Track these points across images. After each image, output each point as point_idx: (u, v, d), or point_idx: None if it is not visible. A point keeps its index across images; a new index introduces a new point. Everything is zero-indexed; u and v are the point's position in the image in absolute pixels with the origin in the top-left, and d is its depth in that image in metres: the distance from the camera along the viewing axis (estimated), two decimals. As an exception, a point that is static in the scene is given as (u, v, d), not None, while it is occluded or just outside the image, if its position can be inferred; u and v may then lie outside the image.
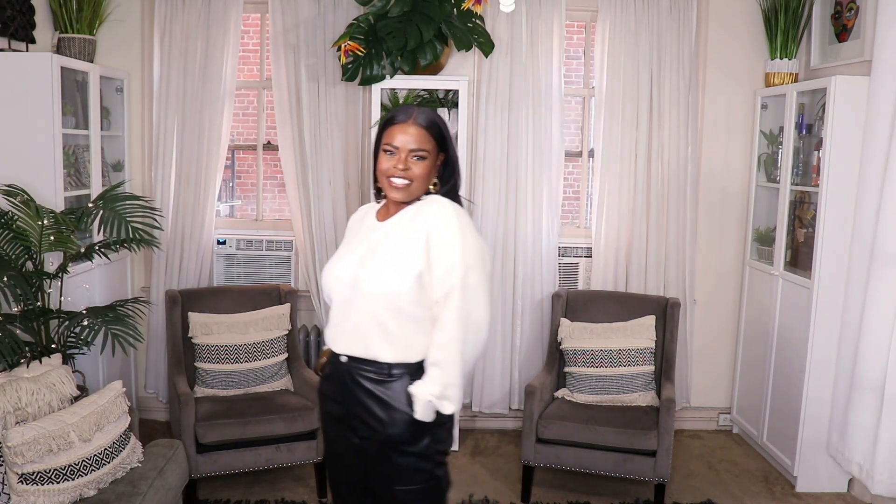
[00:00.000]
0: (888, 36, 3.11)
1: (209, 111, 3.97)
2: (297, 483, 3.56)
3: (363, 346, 1.96)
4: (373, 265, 1.96)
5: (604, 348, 3.61)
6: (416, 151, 1.97)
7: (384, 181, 2.00)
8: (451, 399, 1.90)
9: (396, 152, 1.97)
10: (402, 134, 1.97)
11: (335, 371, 2.04)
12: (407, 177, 1.97)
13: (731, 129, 4.18)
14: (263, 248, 4.18)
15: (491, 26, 3.92)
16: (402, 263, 1.92)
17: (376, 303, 1.92)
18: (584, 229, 4.35)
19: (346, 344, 2.00)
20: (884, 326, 3.13)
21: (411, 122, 1.98)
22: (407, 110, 2.01)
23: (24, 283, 2.86)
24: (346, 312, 1.99)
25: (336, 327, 2.03)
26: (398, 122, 1.99)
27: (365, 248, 2.02)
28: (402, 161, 1.96)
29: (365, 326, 1.95)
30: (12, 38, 3.43)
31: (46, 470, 2.41)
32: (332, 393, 2.07)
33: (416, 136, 1.97)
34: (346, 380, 2.00)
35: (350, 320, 1.98)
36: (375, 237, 2.02)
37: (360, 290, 1.95)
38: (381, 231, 2.03)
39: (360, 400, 1.97)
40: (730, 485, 3.66)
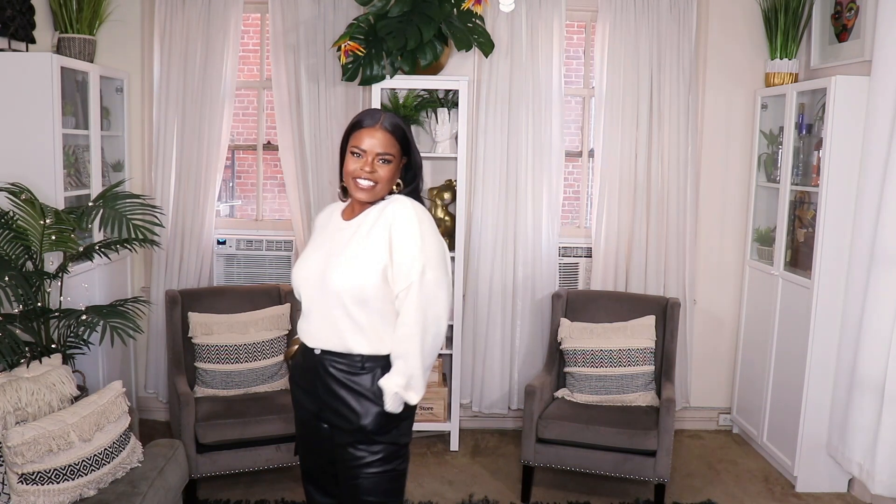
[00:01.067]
0: (888, 36, 3.11)
1: (209, 111, 3.97)
2: (297, 483, 3.55)
3: (337, 339, 2.03)
4: (340, 262, 2.03)
5: (604, 348, 3.61)
6: (382, 155, 2.04)
7: (350, 182, 2.07)
8: (415, 389, 2.01)
9: (364, 155, 2.04)
10: (369, 138, 2.04)
11: (308, 363, 2.11)
12: (372, 179, 2.04)
13: (731, 129, 4.18)
14: (263, 248, 4.18)
15: (491, 26, 3.92)
16: (368, 259, 2.00)
17: (345, 298, 2.00)
18: (584, 229, 4.35)
19: (320, 338, 2.06)
20: (884, 326, 3.13)
21: (378, 127, 2.05)
22: (374, 114, 2.08)
23: (25, 283, 2.86)
24: (318, 308, 2.06)
25: (309, 322, 2.10)
26: (366, 126, 2.06)
27: (331, 245, 2.10)
28: (369, 164, 2.04)
29: (338, 321, 2.02)
30: (12, 38, 3.43)
31: (46, 470, 2.41)
32: (304, 383, 2.14)
33: (383, 141, 2.04)
34: (318, 371, 2.07)
35: (322, 315, 2.05)
36: (341, 235, 2.10)
37: (328, 287, 2.01)
38: (348, 230, 2.10)
39: (333, 391, 2.05)
40: (730, 485, 3.66)
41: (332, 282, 2.01)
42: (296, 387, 2.19)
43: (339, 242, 2.08)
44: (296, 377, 2.19)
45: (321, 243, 2.14)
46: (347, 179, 2.08)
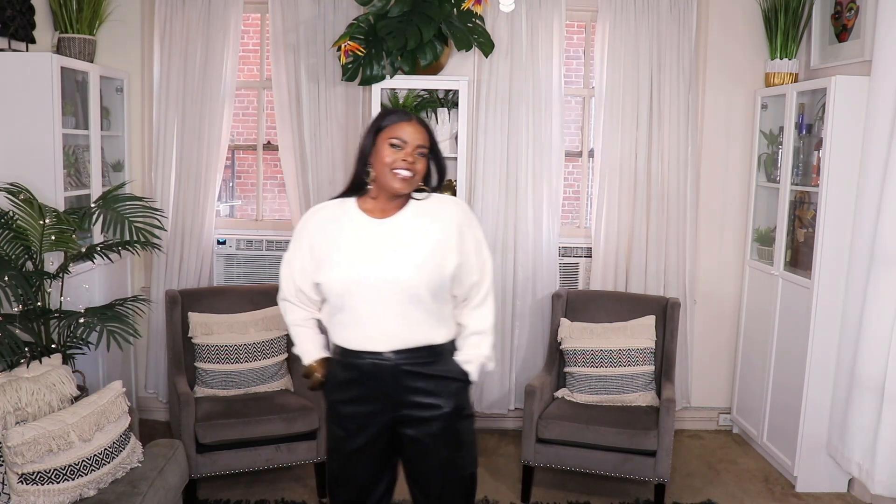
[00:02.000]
0: (888, 36, 3.11)
1: (209, 111, 3.97)
2: (297, 483, 3.56)
3: (416, 335, 2.08)
4: (411, 258, 2.04)
5: (604, 348, 3.61)
6: (421, 147, 2.07)
7: (387, 173, 2.05)
8: (492, 359, 2.21)
9: (404, 146, 2.05)
10: (410, 129, 2.07)
11: (371, 371, 2.09)
12: (412, 169, 2.06)
13: (731, 129, 4.18)
14: (263, 248, 4.18)
15: (491, 26, 3.92)
16: (441, 254, 2.06)
17: (422, 292, 2.03)
18: (584, 229, 4.35)
19: (392, 338, 2.07)
20: (884, 326, 3.13)
21: (415, 121, 2.09)
22: (402, 112, 2.12)
23: (25, 283, 2.86)
24: (382, 309, 2.05)
25: (370, 328, 2.07)
26: (402, 121, 2.08)
27: (382, 245, 2.07)
28: (410, 154, 2.05)
29: (413, 316, 2.05)
30: (12, 38, 3.43)
31: (46, 470, 2.41)
32: (366, 394, 2.11)
33: (422, 133, 2.08)
34: (390, 373, 2.08)
35: (392, 315, 2.05)
36: (385, 233, 2.08)
37: (398, 285, 2.02)
38: (393, 227, 2.09)
39: (412, 387, 2.09)
40: (730, 485, 3.66)
41: (403, 279, 2.02)
42: (345, 404, 2.14)
43: (390, 239, 2.07)
44: (347, 394, 2.13)
45: (361, 244, 2.07)
46: (383, 171, 2.05)
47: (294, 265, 2.19)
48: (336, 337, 2.16)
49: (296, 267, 2.19)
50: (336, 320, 2.13)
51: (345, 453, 2.18)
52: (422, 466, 2.18)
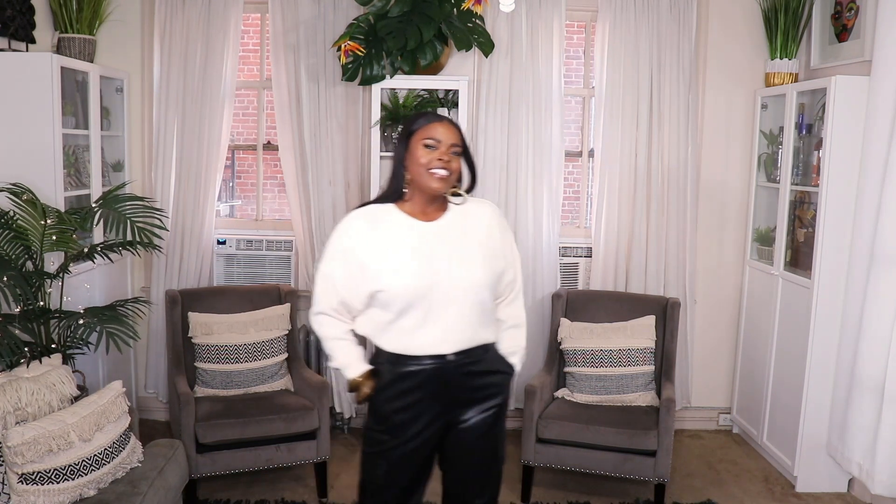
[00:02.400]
0: (888, 36, 3.11)
1: (209, 111, 3.97)
2: (297, 483, 3.56)
3: (476, 335, 2.13)
4: (467, 261, 2.09)
5: (604, 348, 3.61)
6: (454, 146, 2.09)
7: (424, 174, 2.07)
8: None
9: (438, 146, 2.07)
10: (443, 129, 2.09)
11: (432, 375, 2.10)
12: (448, 168, 2.08)
13: (731, 129, 4.18)
14: (263, 248, 4.18)
15: (491, 26, 3.92)
16: (492, 256, 2.14)
17: (484, 293, 2.11)
18: (584, 229, 4.35)
19: (457, 342, 2.10)
20: (884, 326, 3.13)
21: (446, 121, 2.12)
22: (433, 114, 2.15)
23: (25, 283, 2.86)
24: (450, 312, 2.07)
25: (437, 331, 2.07)
26: (433, 122, 2.10)
27: (440, 247, 2.08)
28: (445, 153, 2.07)
29: (473, 317, 2.10)
30: (12, 38, 3.43)
31: (46, 470, 2.41)
32: (424, 397, 2.11)
33: (454, 133, 2.10)
34: (450, 377, 2.11)
35: (456, 318, 2.08)
36: (440, 235, 2.10)
37: (468, 286, 2.07)
38: (442, 229, 2.12)
39: (471, 385, 2.15)
40: (730, 485, 3.66)
41: (468, 280, 2.07)
42: (405, 410, 2.12)
43: (445, 242, 2.09)
44: (401, 405, 2.12)
45: (412, 246, 2.07)
46: (419, 172, 2.07)
47: (336, 277, 2.11)
48: (390, 344, 2.11)
49: (338, 278, 2.10)
50: (394, 327, 2.08)
51: (394, 459, 2.16)
52: (469, 460, 2.22)
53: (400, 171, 2.12)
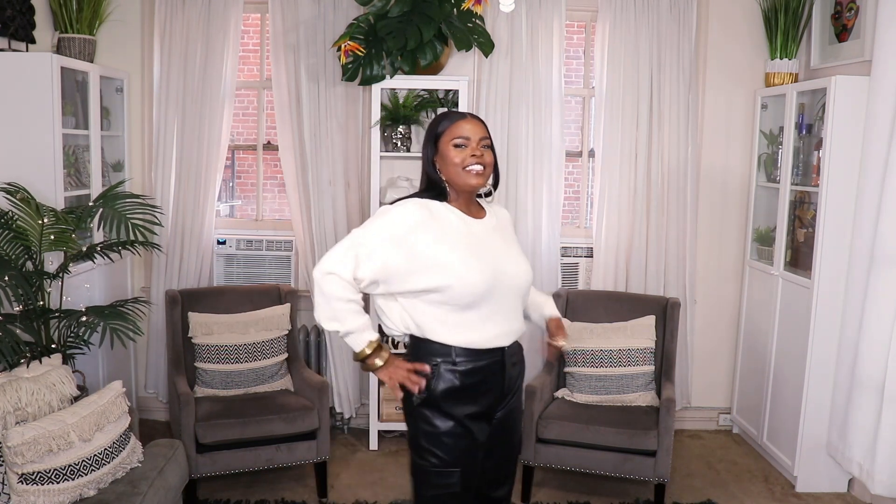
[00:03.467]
0: (888, 36, 3.11)
1: (209, 111, 3.97)
2: (297, 483, 3.56)
3: (520, 328, 2.18)
4: (515, 259, 2.15)
5: (604, 348, 3.61)
6: (485, 139, 2.10)
7: (460, 172, 2.06)
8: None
9: (468, 143, 2.07)
10: (469, 125, 2.09)
11: (485, 367, 2.07)
12: (482, 163, 2.07)
13: (731, 129, 4.18)
14: (263, 248, 4.18)
15: (491, 26, 3.92)
16: (526, 256, 2.23)
17: (523, 291, 2.16)
18: (585, 229, 4.35)
19: (509, 334, 2.13)
20: (884, 326, 3.13)
21: (471, 118, 2.11)
22: (454, 113, 2.13)
23: (25, 283, 2.86)
24: (505, 307, 2.09)
25: (492, 325, 2.06)
26: (457, 120, 2.09)
27: (489, 244, 2.11)
28: (476, 148, 2.07)
29: (519, 312, 2.16)
30: (12, 38, 3.43)
31: (46, 470, 2.41)
32: (484, 389, 2.08)
33: (480, 127, 2.10)
34: (502, 366, 2.12)
35: (509, 312, 2.11)
36: (493, 232, 2.15)
37: (518, 282, 2.12)
38: (491, 227, 2.16)
39: (513, 374, 2.17)
40: (730, 485, 3.66)
41: (523, 276, 2.13)
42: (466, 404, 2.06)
43: (496, 239, 2.14)
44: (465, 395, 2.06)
45: (478, 242, 2.07)
46: (455, 172, 2.06)
47: (379, 257, 1.99)
48: (456, 338, 2.03)
49: (381, 259, 1.99)
50: (454, 320, 2.02)
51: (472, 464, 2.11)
52: (507, 446, 2.24)
53: (435, 175, 2.10)
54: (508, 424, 2.21)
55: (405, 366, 2.04)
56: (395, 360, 2.06)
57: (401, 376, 2.03)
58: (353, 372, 4.10)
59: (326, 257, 2.04)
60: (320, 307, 2.05)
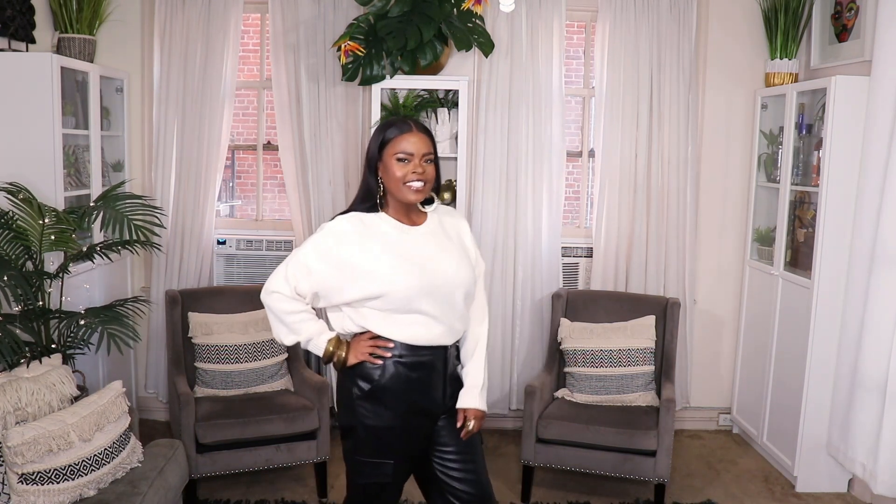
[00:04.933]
0: (888, 36, 3.11)
1: (209, 111, 3.97)
2: (297, 483, 3.56)
3: (459, 332, 2.20)
4: (449, 262, 2.14)
5: (604, 348, 3.61)
6: (427, 155, 2.11)
7: (401, 187, 2.09)
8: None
9: (411, 158, 2.09)
10: (413, 141, 2.09)
11: (427, 364, 2.13)
12: (423, 178, 2.10)
13: (731, 129, 4.18)
14: (263, 248, 4.18)
15: (491, 26, 3.92)
16: (468, 260, 2.21)
17: (460, 293, 2.15)
18: (585, 229, 4.35)
19: (448, 335, 2.16)
20: (886, 326, 3.12)
21: (415, 131, 2.11)
22: (402, 122, 2.13)
23: (25, 283, 2.86)
24: (436, 309, 2.10)
25: (436, 324, 2.11)
26: (404, 133, 2.10)
27: (423, 250, 2.13)
28: (418, 165, 2.09)
29: (455, 315, 2.16)
30: (12, 38, 3.43)
31: (46, 470, 2.41)
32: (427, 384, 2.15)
33: (425, 141, 2.12)
34: (441, 366, 2.17)
35: (444, 314, 2.12)
36: (425, 240, 2.15)
37: (441, 286, 2.11)
38: (427, 234, 2.16)
39: (455, 374, 2.23)
40: (730, 485, 3.66)
41: (455, 279, 2.13)
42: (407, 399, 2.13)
43: (430, 244, 2.15)
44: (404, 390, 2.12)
45: (402, 252, 2.09)
46: (396, 185, 2.09)
47: (316, 272, 2.09)
48: (394, 333, 2.10)
49: (317, 273, 2.09)
50: (395, 319, 2.10)
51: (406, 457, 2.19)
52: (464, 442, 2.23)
53: (374, 182, 2.14)
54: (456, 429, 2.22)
55: (365, 339, 2.12)
56: (356, 340, 2.15)
57: (366, 348, 2.12)
58: (353, 372, 4.10)
59: (270, 278, 2.16)
60: (275, 326, 2.17)
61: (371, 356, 2.10)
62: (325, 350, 2.14)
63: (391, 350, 2.10)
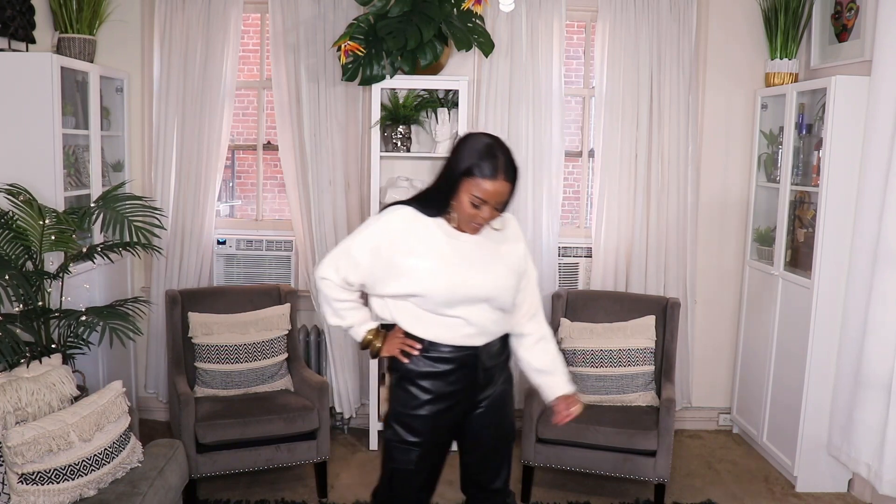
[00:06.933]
0: (888, 36, 3.11)
1: (209, 111, 3.97)
2: (297, 483, 3.56)
3: (493, 334, 2.24)
4: (492, 274, 2.19)
5: (604, 348, 3.61)
6: (500, 203, 2.12)
7: (463, 219, 2.14)
8: None
9: (484, 205, 2.10)
10: (492, 191, 2.07)
11: (453, 360, 2.20)
12: (486, 222, 2.16)
13: (731, 129, 4.18)
14: (263, 248, 4.18)
15: (491, 26, 3.92)
16: (510, 273, 2.24)
17: (496, 303, 2.20)
18: (584, 229, 4.35)
19: (480, 337, 2.22)
20: (890, 324, 3.12)
21: (501, 178, 2.08)
22: (494, 161, 2.07)
23: (25, 283, 2.86)
24: (470, 314, 2.17)
25: (466, 326, 2.18)
26: (489, 178, 2.07)
27: (471, 260, 2.17)
28: (489, 211, 2.11)
29: (489, 320, 2.20)
30: (12, 38, 3.43)
31: (46, 470, 2.41)
32: (458, 376, 2.22)
33: (503, 192, 2.10)
34: (472, 362, 2.22)
35: (477, 318, 2.18)
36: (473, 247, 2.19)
37: (478, 295, 2.16)
38: (473, 242, 2.19)
39: (493, 371, 2.28)
40: (730, 485, 3.66)
41: (491, 291, 2.17)
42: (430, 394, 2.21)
43: (478, 253, 2.19)
44: (434, 388, 2.21)
45: (447, 257, 2.15)
46: (460, 214, 2.13)
47: (362, 264, 2.19)
48: (422, 332, 2.19)
49: (364, 266, 2.19)
50: (427, 318, 2.18)
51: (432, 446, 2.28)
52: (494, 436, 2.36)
53: (446, 199, 2.14)
54: (494, 414, 2.31)
55: (399, 335, 2.21)
56: (391, 335, 2.24)
57: (397, 345, 2.21)
58: (353, 372, 4.10)
59: (321, 263, 2.27)
60: (322, 306, 2.32)
61: (401, 353, 2.20)
62: (363, 338, 2.28)
63: (419, 347, 2.19)
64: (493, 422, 2.33)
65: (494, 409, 2.32)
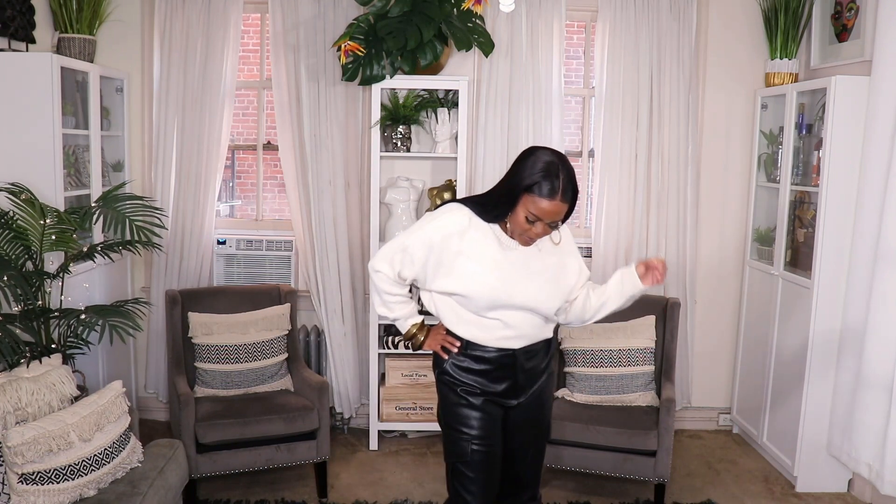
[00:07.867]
0: (888, 36, 3.11)
1: (209, 111, 3.97)
2: (297, 483, 3.56)
3: (532, 338, 2.32)
4: (536, 286, 2.25)
5: (604, 348, 3.61)
6: (555, 221, 2.17)
7: (517, 231, 2.19)
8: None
9: (539, 222, 2.14)
10: (549, 210, 2.11)
11: (496, 360, 2.29)
12: (540, 236, 2.21)
13: (731, 129, 4.18)
14: (263, 248, 4.18)
15: (491, 26, 3.92)
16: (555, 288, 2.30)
17: (536, 312, 2.28)
18: (584, 229, 4.35)
19: (518, 340, 2.29)
20: (891, 324, 3.11)
21: (559, 200, 2.11)
22: (554, 181, 2.09)
23: (25, 283, 2.86)
24: (511, 319, 2.25)
25: (505, 330, 2.26)
26: (547, 197, 2.09)
27: (518, 269, 2.23)
28: (543, 228, 2.16)
29: (530, 325, 2.28)
30: (12, 38, 3.43)
31: (46, 470, 2.41)
32: (497, 375, 2.30)
33: (560, 213, 2.15)
34: (510, 362, 2.30)
35: (518, 323, 2.26)
36: (522, 257, 2.24)
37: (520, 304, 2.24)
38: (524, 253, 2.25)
39: (533, 372, 2.36)
40: (730, 485, 3.66)
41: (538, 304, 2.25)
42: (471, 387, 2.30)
43: (526, 264, 2.24)
44: (474, 382, 2.30)
45: (496, 262, 2.21)
46: (515, 227, 2.18)
47: (417, 261, 2.27)
48: (460, 330, 2.29)
49: (418, 263, 2.27)
50: (467, 317, 2.27)
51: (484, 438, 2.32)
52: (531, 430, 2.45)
53: (504, 211, 2.18)
54: (532, 410, 2.40)
55: (442, 332, 2.34)
56: (434, 331, 2.38)
57: (439, 341, 2.33)
58: (353, 372, 4.10)
59: (377, 255, 2.37)
60: (373, 296, 2.48)
61: (441, 349, 2.32)
62: (407, 331, 2.42)
63: (458, 345, 2.30)
64: (531, 418, 2.41)
65: (533, 406, 2.40)
